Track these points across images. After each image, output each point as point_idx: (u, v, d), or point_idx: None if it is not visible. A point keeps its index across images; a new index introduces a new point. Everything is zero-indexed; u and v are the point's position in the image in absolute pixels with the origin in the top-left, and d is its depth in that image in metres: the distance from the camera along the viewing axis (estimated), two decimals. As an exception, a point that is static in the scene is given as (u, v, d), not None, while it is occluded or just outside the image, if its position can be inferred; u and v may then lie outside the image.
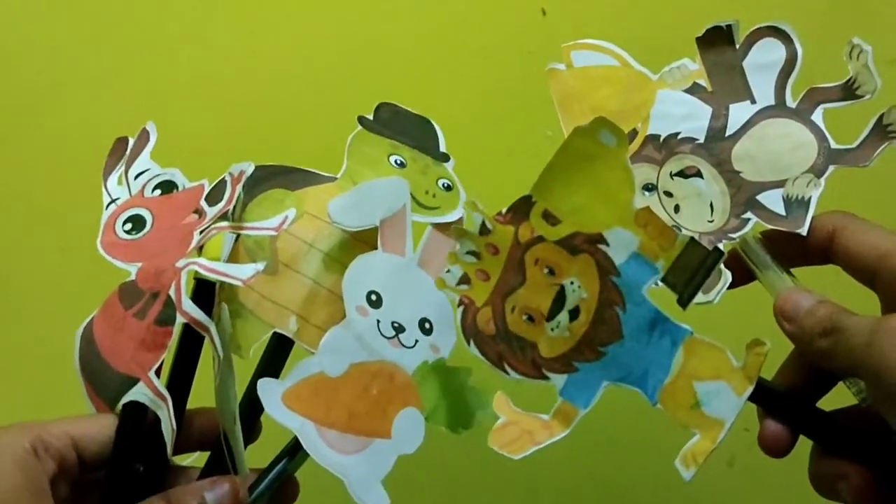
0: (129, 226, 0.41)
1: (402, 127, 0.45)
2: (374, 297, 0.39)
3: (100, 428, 0.37)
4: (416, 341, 0.39)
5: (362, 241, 0.41)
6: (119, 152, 0.44)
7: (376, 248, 0.40)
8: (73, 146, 0.65)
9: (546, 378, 0.38)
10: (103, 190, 0.43)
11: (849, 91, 0.40)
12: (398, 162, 0.43)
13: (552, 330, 0.38)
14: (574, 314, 0.38)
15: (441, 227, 0.42)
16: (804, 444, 0.38)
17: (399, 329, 0.39)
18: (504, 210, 0.39)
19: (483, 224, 0.38)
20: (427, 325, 0.39)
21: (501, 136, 0.62)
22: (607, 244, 0.37)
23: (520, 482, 0.63)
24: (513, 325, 0.39)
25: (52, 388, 0.64)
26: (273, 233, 0.40)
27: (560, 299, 0.38)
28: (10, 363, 0.65)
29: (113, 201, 0.42)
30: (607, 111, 0.41)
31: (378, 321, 0.39)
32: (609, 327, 0.38)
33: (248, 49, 0.65)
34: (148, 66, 0.65)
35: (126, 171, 0.43)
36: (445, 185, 0.43)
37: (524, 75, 0.57)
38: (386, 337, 0.39)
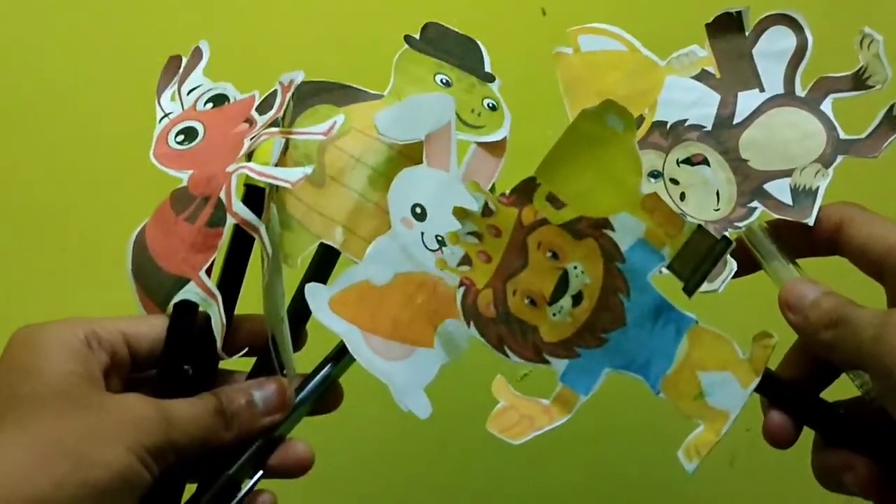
0: (181, 137, 0.41)
1: (448, 47, 0.45)
2: (418, 210, 0.39)
3: (151, 327, 0.37)
4: None
5: (408, 157, 0.41)
6: (172, 70, 0.44)
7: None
8: (73, 146, 0.64)
9: (546, 362, 0.38)
10: (157, 105, 0.43)
11: (859, 81, 0.39)
12: (444, 81, 0.43)
13: (554, 314, 0.38)
14: (577, 299, 0.37)
15: (485, 146, 0.42)
16: (805, 445, 0.38)
17: (442, 242, 0.39)
18: (508, 191, 0.38)
19: (486, 205, 0.38)
20: None
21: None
22: (613, 229, 0.36)
23: (520, 479, 0.62)
24: (514, 308, 0.38)
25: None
26: (322, 137, 0.40)
27: (563, 284, 0.37)
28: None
29: (166, 115, 0.43)
30: (614, 96, 0.40)
31: (422, 233, 0.39)
32: (612, 314, 0.37)
33: (248, 47, 0.64)
34: (147, 65, 0.64)
35: (179, 88, 0.43)
36: (490, 104, 0.43)
37: (524, 75, 0.56)
38: (430, 250, 0.39)
